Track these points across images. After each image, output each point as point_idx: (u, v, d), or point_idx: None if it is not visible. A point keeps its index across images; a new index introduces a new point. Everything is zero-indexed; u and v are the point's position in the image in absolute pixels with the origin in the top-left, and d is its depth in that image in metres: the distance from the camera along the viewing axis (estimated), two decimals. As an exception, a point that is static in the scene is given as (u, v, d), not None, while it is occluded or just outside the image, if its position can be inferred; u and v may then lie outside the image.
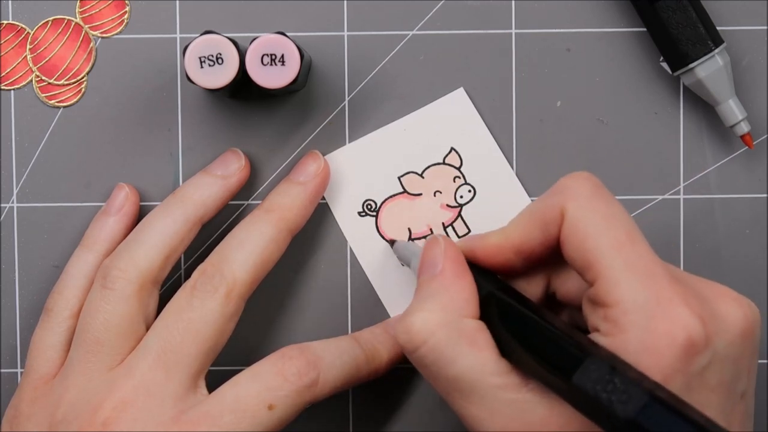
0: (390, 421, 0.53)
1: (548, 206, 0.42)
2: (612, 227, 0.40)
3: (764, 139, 0.53)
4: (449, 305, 0.42)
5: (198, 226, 0.50)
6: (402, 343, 0.42)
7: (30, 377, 0.49)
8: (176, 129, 0.53)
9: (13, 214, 0.53)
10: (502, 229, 0.44)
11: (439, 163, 0.53)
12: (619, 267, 0.39)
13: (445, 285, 0.43)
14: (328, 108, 0.53)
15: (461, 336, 0.41)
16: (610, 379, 0.36)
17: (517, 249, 0.43)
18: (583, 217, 0.41)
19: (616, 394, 0.36)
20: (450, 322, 0.41)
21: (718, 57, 0.50)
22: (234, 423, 0.45)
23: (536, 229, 0.42)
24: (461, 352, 0.41)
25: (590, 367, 0.37)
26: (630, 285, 0.39)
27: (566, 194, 0.41)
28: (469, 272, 0.44)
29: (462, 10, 0.52)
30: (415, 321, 0.42)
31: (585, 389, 0.36)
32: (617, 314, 0.39)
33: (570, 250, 0.41)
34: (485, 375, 0.41)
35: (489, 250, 0.44)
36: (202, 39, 0.47)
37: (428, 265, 0.44)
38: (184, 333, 0.46)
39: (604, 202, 0.41)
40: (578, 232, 0.41)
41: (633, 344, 0.38)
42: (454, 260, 0.44)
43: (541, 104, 0.53)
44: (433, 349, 0.41)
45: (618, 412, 0.35)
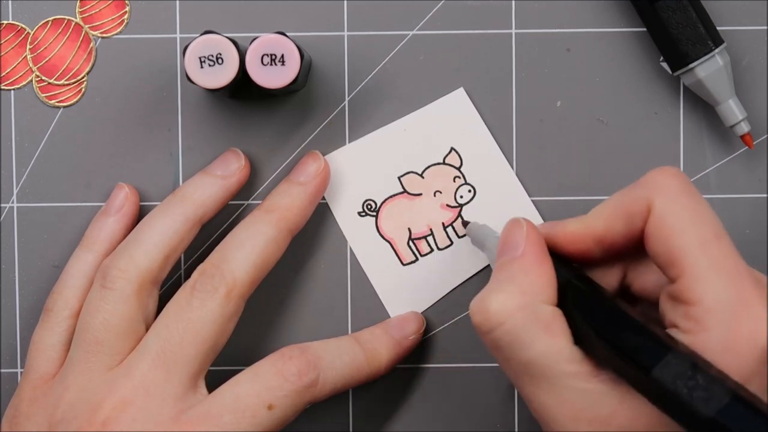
0: (390, 421, 0.53)
1: (635, 198, 0.41)
2: (699, 224, 0.40)
3: (764, 139, 0.53)
4: (528, 289, 0.41)
5: (198, 226, 0.50)
6: (477, 323, 0.42)
7: (30, 377, 0.49)
8: (176, 129, 0.53)
9: (13, 214, 0.53)
10: (584, 217, 0.43)
11: (439, 163, 0.53)
12: (704, 265, 0.39)
13: (525, 268, 0.42)
14: (328, 108, 0.53)
15: (538, 321, 0.41)
16: (692, 375, 0.36)
17: (598, 238, 0.43)
18: (671, 213, 0.40)
19: (697, 391, 0.35)
20: (528, 306, 0.41)
21: (718, 57, 0.50)
22: (234, 423, 0.45)
23: (620, 220, 0.42)
24: (537, 337, 0.40)
25: (672, 362, 0.36)
26: (715, 284, 0.39)
27: (654, 188, 0.41)
28: (549, 258, 0.43)
29: (462, 10, 0.52)
30: (492, 302, 0.41)
31: (665, 383, 0.36)
32: (700, 312, 0.38)
33: (654, 244, 0.40)
34: (559, 362, 0.40)
35: (568, 237, 0.43)
36: (202, 39, 0.47)
37: (509, 246, 0.43)
38: (183, 333, 0.46)
39: (693, 199, 0.41)
40: (665, 227, 0.40)
41: (714, 343, 0.38)
42: (536, 244, 0.43)
43: (541, 104, 0.53)
44: (509, 332, 0.41)
45: (699, 409, 0.35)
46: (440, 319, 0.53)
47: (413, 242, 0.53)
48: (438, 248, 0.53)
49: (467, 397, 0.53)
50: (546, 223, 0.45)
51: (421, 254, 0.53)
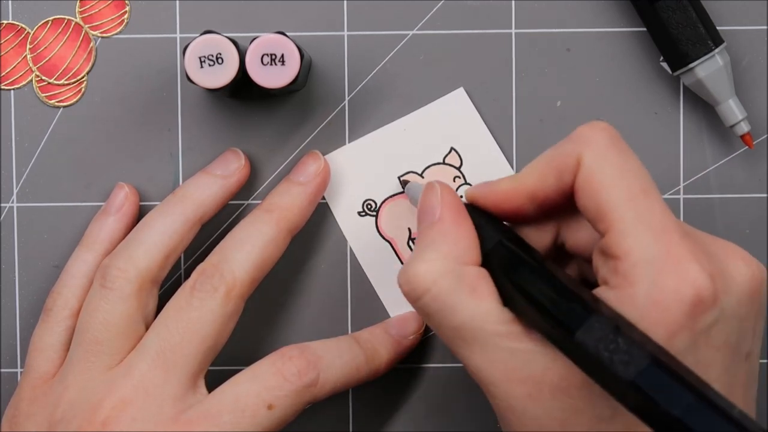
0: (390, 421, 0.53)
1: (564, 153, 0.41)
2: (627, 179, 0.40)
3: (764, 139, 0.53)
4: (449, 253, 0.41)
5: (198, 225, 0.50)
6: (405, 292, 0.42)
7: (29, 377, 0.49)
8: (176, 129, 0.53)
9: (13, 214, 0.53)
10: (515, 175, 0.43)
11: (439, 163, 0.53)
12: (631, 219, 0.39)
13: (443, 232, 0.42)
14: (328, 108, 0.53)
15: (463, 284, 0.41)
16: (613, 338, 0.36)
17: (530, 195, 0.42)
18: (599, 167, 0.40)
19: (618, 354, 0.35)
20: (451, 270, 0.41)
21: (718, 57, 0.50)
22: (233, 423, 0.45)
23: (551, 175, 0.41)
24: (462, 300, 0.41)
25: (594, 325, 0.36)
26: (641, 238, 0.38)
27: (583, 143, 0.41)
28: (468, 218, 0.43)
29: (462, 10, 0.52)
30: (416, 271, 0.41)
31: (587, 347, 0.36)
32: (626, 267, 0.38)
33: (583, 198, 0.40)
34: (487, 323, 0.40)
35: (500, 196, 0.43)
36: (202, 39, 0.47)
37: (426, 212, 0.43)
38: (183, 333, 0.46)
39: (621, 153, 0.40)
40: (593, 181, 0.40)
41: (641, 298, 0.38)
42: (452, 207, 0.43)
43: (541, 104, 0.53)
44: (435, 298, 0.41)
45: (618, 372, 0.35)
46: (440, 319, 0.53)
47: (413, 242, 0.53)
48: (438, 248, 0.53)
49: (467, 397, 0.53)
50: (479, 183, 0.44)
51: (421, 254, 0.53)
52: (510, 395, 0.40)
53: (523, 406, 0.40)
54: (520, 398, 0.40)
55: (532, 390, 0.40)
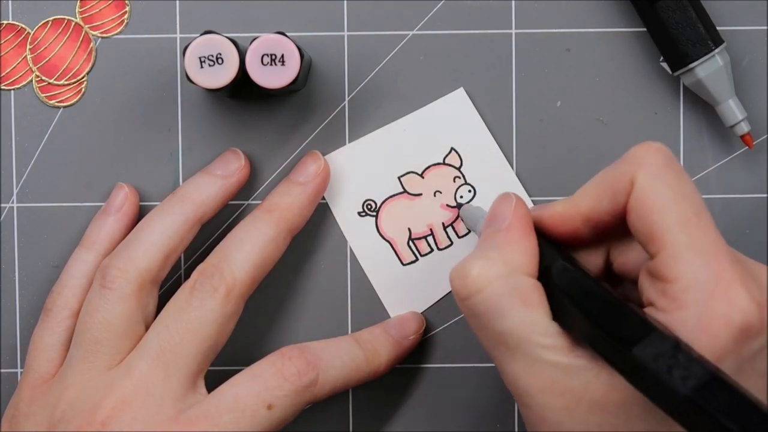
0: (390, 421, 0.53)
1: (618, 174, 0.41)
2: (680, 201, 0.40)
3: (764, 139, 0.52)
4: (510, 260, 0.41)
5: (198, 225, 0.50)
6: (456, 288, 0.42)
7: (29, 377, 0.49)
8: (176, 129, 0.53)
9: (13, 214, 0.53)
10: (569, 198, 0.43)
11: (439, 163, 0.53)
12: (683, 243, 0.39)
13: (509, 240, 0.42)
14: (328, 108, 0.53)
15: (516, 292, 0.41)
16: (673, 354, 0.36)
17: (585, 217, 0.42)
18: (653, 189, 0.40)
19: (677, 370, 0.36)
20: (508, 275, 0.41)
21: (718, 57, 0.50)
22: (233, 423, 0.45)
23: (605, 197, 0.41)
24: (514, 307, 0.40)
25: (654, 341, 0.37)
26: (692, 262, 0.38)
27: (637, 163, 0.41)
28: (534, 233, 0.43)
29: (462, 10, 0.52)
30: (473, 268, 0.41)
31: (645, 361, 0.36)
32: (676, 290, 0.38)
33: (635, 220, 0.40)
34: (534, 333, 0.40)
35: (557, 218, 0.43)
36: (202, 39, 0.47)
37: (497, 218, 0.43)
38: (183, 333, 0.46)
39: (675, 175, 0.40)
40: (646, 202, 0.40)
41: (689, 322, 0.38)
42: (523, 218, 0.43)
43: (541, 104, 0.53)
44: (487, 299, 0.41)
45: (677, 387, 0.35)
46: (440, 319, 0.53)
47: (413, 242, 0.53)
48: (438, 248, 0.53)
49: (467, 397, 0.53)
50: (536, 206, 0.45)
51: (421, 254, 0.53)
52: (546, 407, 0.40)
53: (558, 419, 0.40)
54: (556, 410, 0.40)
55: (570, 403, 0.40)
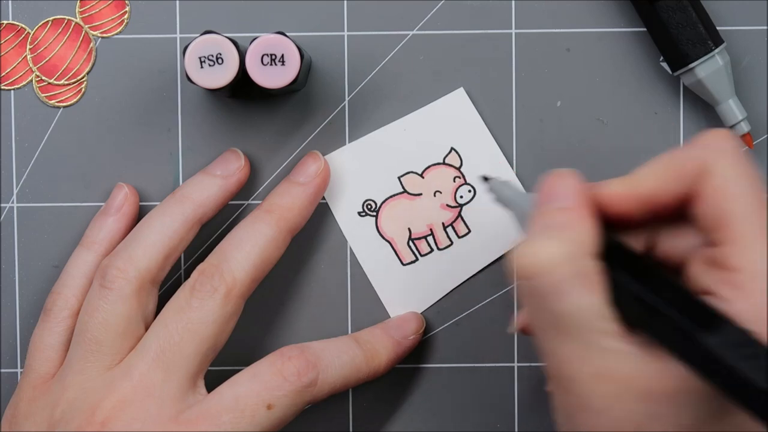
0: (390, 421, 0.53)
1: (689, 158, 0.40)
2: (755, 191, 0.39)
3: (764, 139, 0.52)
4: (578, 241, 0.40)
5: (197, 226, 0.50)
6: (522, 267, 0.40)
7: (29, 377, 0.49)
8: (176, 129, 0.53)
9: (13, 214, 0.53)
10: (626, 178, 0.41)
11: (439, 163, 0.53)
12: (754, 232, 0.38)
13: (575, 219, 0.41)
14: (328, 108, 0.53)
15: (581, 275, 0.39)
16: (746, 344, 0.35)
17: (645, 199, 0.41)
18: (731, 177, 0.39)
19: (753, 361, 0.35)
20: (576, 258, 0.40)
21: (718, 57, 0.50)
22: (233, 423, 0.45)
23: (672, 180, 0.40)
24: (576, 290, 0.39)
25: (726, 330, 0.36)
26: (762, 252, 0.38)
27: (712, 150, 0.40)
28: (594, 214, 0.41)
29: (462, 10, 0.52)
30: (541, 248, 0.40)
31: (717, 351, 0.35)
32: (742, 279, 0.38)
33: (706, 206, 0.39)
34: (592, 318, 0.39)
35: (611, 198, 0.41)
36: (202, 39, 0.47)
37: (557, 195, 0.41)
38: (183, 333, 0.46)
39: (749, 165, 0.40)
40: (723, 190, 0.39)
41: (754, 311, 0.37)
42: (585, 198, 0.41)
43: (541, 104, 0.53)
44: (552, 282, 0.39)
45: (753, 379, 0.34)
46: (440, 319, 0.53)
47: (413, 242, 0.53)
48: (438, 248, 0.53)
49: (467, 397, 0.53)
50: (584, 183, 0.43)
51: (421, 254, 0.53)
52: (594, 393, 0.39)
53: (604, 406, 0.39)
54: (604, 397, 0.39)
55: (619, 390, 0.39)
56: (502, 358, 0.53)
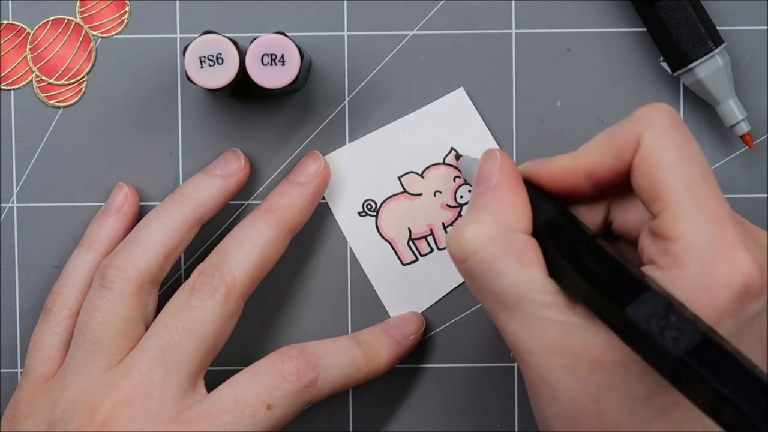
0: (390, 421, 0.53)
1: (624, 132, 0.41)
2: (686, 162, 0.40)
3: (764, 139, 0.52)
4: (502, 218, 0.41)
5: (197, 226, 0.50)
6: (452, 252, 0.42)
7: (29, 377, 0.49)
8: (176, 129, 0.53)
9: (13, 214, 0.53)
10: (573, 153, 0.43)
11: (439, 163, 0.53)
12: (687, 202, 0.39)
13: (498, 198, 0.42)
14: (328, 108, 0.53)
15: (511, 250, 0.40)
16: (665, 314, 0.36)
17: (588, 173, 0.42)
18: (659, 147, 0.40)
19: (669, 330, 0.35)
20: (501, 235, 0.41)
21: (718, 57, 0.50)
22: (232, 423, 0.45)
23: (610, 154, 0.41)
24: (509, 265, 0.40)
25: (647, 301, 0.36)
26: (696, 222, 0.38)
27: (644, 122, 0.41)
28: (523, 187, 0.43)
29: (462, 10, 0.52)
30: (467, 232, 0.41)
31: (638, 321, 0.36)
32: (678, 249, 0.38)
33: (640, 178, 0.40)
34: (531, 291, 0.40)
35: (556, 173, 0.43)
36: (202, 39, 0.47)
37: (484, 177, 0.43)
38: (183, 333, 0.46)
39: (682, 136, 0.40)
40: (652, 161, 0.40)
41: (690, 280, 0.38)
42: (510, 174, 0.43)
43: (541, 104, 0.53)
44: (482, 260, 0.41)
45: (669, 348, 0.35)
46: (440, 319, 0.53)
47: (413, 242, 0.53)
48: (438, 248, 0.53)
49: (467, 397, 0.53)
50: (535, 159, 0.44)
51: (421, 254, 0.53)
52: (546, 366, 0.40)
53: (558, 378, 0.40)
54: (556, 370, 0.40)
55: (570, 362, 0.39)
56: (502, 358, 0.53)
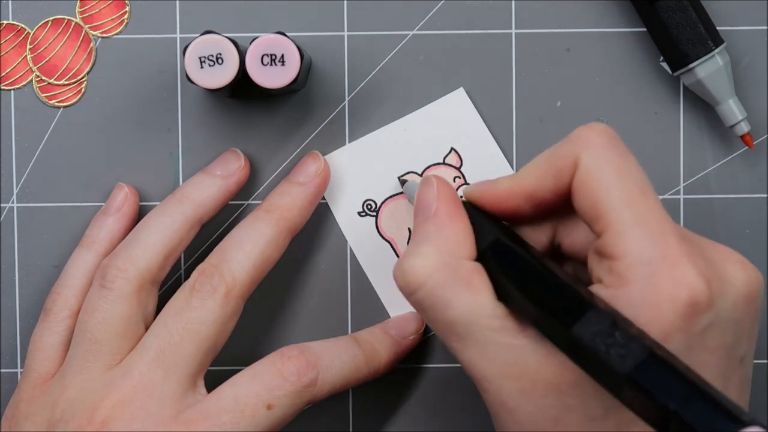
0: (390, 421, 0.53)
1: (562, 154, 0.41)
2: (624, 180, 0.40)
3: (764, 139, 0.52)
4: (444, 247, 0.41)
5: (197, 226, 0.50)
6: (400, 286, 0.42)
7: (29, 377, 0.49)
8: (176, 129, 0.53)
9: (13, 214, 0.53)
10: (514, 175, 0.43)
11: (439, 163, 0.53)
12: (628, 220, 0.39)
13: (439, 226, 0.42)
14: (328, 108, 0.53)
15: (457, 278, 0.41)
16: (610, 332, 0.36)
17: (528, 195, 0.42)
18: (596, 168, 0.40)
19: (615, 348, 0.35)
20: (446, 264, 0.41)
21: (718, 57, 0.50)
22: (232, 423, 0.45)
23: (549, 176, 0.41)
24: (457, 294, 0.40)
25: (591, 319, 0.36)
26: (638, 239, 0.38)
27: (581, 143, 0.41)
28: (464, 213, 0.43)
29: (462, 10, 0.52)
30: (412, 265, 0.41)
31: (584, 340, 0.36)
32: (622, 267, 0.38)
33: (580, 199, 0.40)
34: (481, 317, 0.40)
35: (499, 195, 0.43)
36: (202, 39, 0.47)
37: (422, 207, 0.43)
38: (183, 333, 0.46)
39: (619, 154, 0.40)
40: (590, 182, 0.40)
41: (635, 298, 0.38)
42: (449, 201, 0.43)
43: (541, 104, 0.53)
44: (430, 292, 0.41)
45: (615, 366, 0.35)
46: (440, 319, 0.53)
47: (413, 242, 0.53)
48: (438, 248, 0.53)
49: (467, 397, 0.53)
50: (478, 182, 0.44)
51: (421, 254, 0.53)
52: (503, 391, 0.40)
53: (516, 402, 0.40)
54: (513, 394, 0.40)
55: (526, 386, 0.40)
56: (502, 358, 0.53)
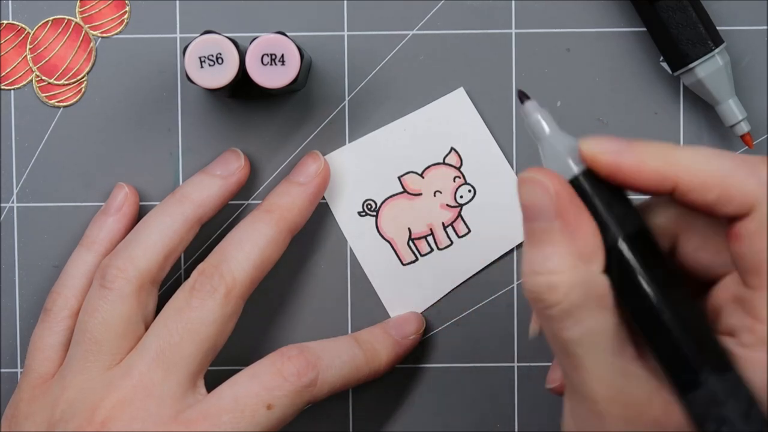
0: (390, 421, 0.53)
1: (739, 181, 0.36)
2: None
3: (764, 139, 0.52)
4: (578, 259, 0.36)
5: (197, 225, 0.50)
6: (532, 300, 0.37)
7: (29, 377, 0.49)
8: (176, 129, 0.53)
9: (13, 214, 0.53)
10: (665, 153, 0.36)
11: (439, 163, 0.53)
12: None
13: (565, 233, 0.36)
14: (328, 108, 0.53)
15: (590, 296, 0.36)
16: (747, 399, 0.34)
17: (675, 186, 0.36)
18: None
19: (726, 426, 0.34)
20: (582, 282, 0.36)
21: (718, 57, 0.50)
22: (232, 423, 0.45)
23: (715, 192, 0.36)
24: (590, 313, 0.36)
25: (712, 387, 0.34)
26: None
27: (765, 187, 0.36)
28: (586, 211, 0.37)
29: (462, 10, 0.52)
30: (548, 282, 0.36)
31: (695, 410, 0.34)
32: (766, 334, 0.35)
33: (744, 246, 0.36)
34: (606, 338, 0.37)
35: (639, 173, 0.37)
36: (202, 39, 0.47)
37: (539, 212, 0.37)
38: (182, 333, 0.46)
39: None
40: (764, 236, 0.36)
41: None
42: (572, 199, 0.37)
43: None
44: (565, 310, 0.36)
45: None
46: (440, 319, 0.53)
47: (413, 242, 0.53)
48: (438, 248, 0.53)
49: (467, 397, 0.53)
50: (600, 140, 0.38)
51: (421, 254, 0.53)
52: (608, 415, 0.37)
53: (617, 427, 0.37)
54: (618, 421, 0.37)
55: (632, 415, 0.37)
56: (502, 358, 0.53)
